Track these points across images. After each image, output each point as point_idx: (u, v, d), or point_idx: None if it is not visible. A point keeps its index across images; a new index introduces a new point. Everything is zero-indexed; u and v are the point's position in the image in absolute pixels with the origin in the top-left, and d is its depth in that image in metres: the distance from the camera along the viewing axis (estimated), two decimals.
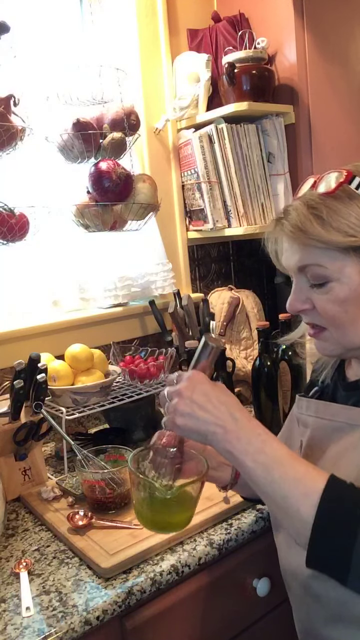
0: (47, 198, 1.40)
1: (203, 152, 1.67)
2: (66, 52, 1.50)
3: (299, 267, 0.76)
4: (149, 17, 1.69)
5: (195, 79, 1.72)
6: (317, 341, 0.81)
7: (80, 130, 1.34)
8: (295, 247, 0.76)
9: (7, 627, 0.81)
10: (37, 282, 1.51)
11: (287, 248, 0.78)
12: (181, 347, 1.56)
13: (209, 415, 0.71)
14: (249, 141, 1.68)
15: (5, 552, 1.01)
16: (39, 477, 1.25)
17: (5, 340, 1.42)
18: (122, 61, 1.54)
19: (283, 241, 0.79)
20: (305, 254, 0.74)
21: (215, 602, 1.01)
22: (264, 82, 1.65)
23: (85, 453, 1.12)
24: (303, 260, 0.75)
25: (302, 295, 0.78)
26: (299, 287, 0.78)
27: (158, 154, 1.75)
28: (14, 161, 1.33)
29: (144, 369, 1.40)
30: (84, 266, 1.60)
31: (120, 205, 1.41)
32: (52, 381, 1.29)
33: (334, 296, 0.74)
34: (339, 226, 0.71)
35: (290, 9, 1.63)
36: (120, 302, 1.65)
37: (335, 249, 0.72)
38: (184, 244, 1.84)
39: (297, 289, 0.78)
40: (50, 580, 0.92)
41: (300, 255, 0.75)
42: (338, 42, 1.73)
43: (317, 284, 0.75)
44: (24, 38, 1.41)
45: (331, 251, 0.72)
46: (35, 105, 1.37)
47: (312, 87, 1.68)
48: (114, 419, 1.49)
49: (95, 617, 0.84)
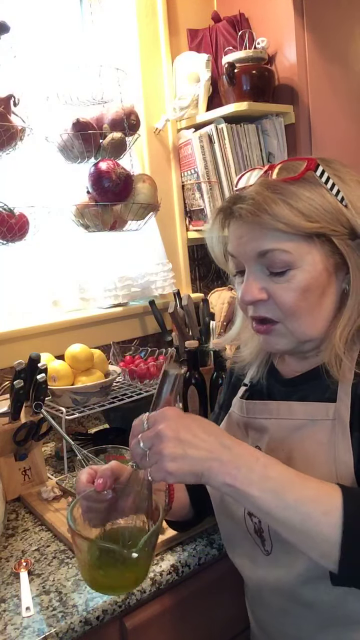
0: (47, 198, 1.40)
1: (203, 152, 1.67)
2: (66, 52, 1.50)
3: (259, 252, 0.72)
4: (149, 17, 1.69)
5: (195, 79, 1.72)
6: (267, 337, 0.77)
7: (80, 130, 1.34)
8: (255, 232, 0.71)
9: (7, 627, 0.81)
10: (37, 282, 1.51)
11: (244, 234, 0.73)
12: (181, 347, 1.56)
13: (201, 451, 0.63)
14: (249, 141, 1.68)
15: (5, 552, 1.01)
16: (39, 477, 1.25)
17: (5, 340, 1.42)
18: (122, 61, 1.54)
19: (234, 231, 0.75)
20: (269, 239, 0.71)
21: (215, 602, 1.01)
22: (264, 82, 1.65)
23: (85, 453, 1.12)
24: (265, 245, 0.71)
25: (257, 284, 0.73)
26: (255, 276, 0.73)
27: (158, 154, 1.75)
28: (14, 161, 1.33)
29: (144, 369, 1.40)
30: (84, 266, 1.60)
31: (120, 205, 1.41)
32: (52, 381, 1.29)
33: (295, 284, 0.71)
34: (304, 211, 0.69)
35: (290, 9, 1.63)
36: (120, 302, 1.65)
37: (299, 235, 0.70)
38: (184, 244, 1.84)
39: (252, 278, 0.73)
40: (50, 580, 0.92)
41: (262, 241, 0.71)
42: (338, 42, 1.73)
43: (278, 272, 0.71)
44: (24, 38, 1.41)
45: (295, 237, 0.70)
46: (35, 105, 1.37)
47: (312, 87, 1.68)
48: (114, 419, 1.49)
49: (95, 617, 0.84)
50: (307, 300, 0.72)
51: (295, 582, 0.74)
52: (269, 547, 0.78)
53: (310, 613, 0.75)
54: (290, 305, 0.72)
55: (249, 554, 0.81)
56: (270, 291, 0.73)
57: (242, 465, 0.63)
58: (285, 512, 0.61)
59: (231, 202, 0.74)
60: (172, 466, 0.62)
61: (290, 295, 0.72)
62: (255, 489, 0.62)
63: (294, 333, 0.74)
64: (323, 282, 0.72)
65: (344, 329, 0.73)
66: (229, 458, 0.63)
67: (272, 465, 0.64)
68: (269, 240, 0.71)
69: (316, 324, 0.74)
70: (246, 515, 0.80)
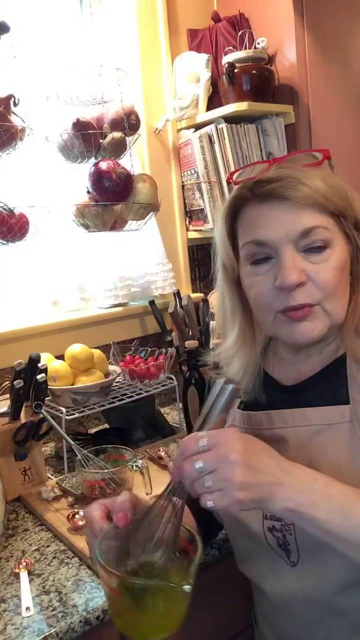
0: (47, 198, 1.40)
1: (203, 152, 1.67)
2: (66, 52, 1.50)
3: (303, 230, 0.69)
4: (149, 17, 1.69)
5: (195, 79, 1.72)
6: (304, 323, 0.71)
7: (80, 130, 1.34)
8: (298, 211, 0.68)
9: (7, 627, 0.81)
10: (37, 282, 1.51)
11: (279, 215, 0.69)
12: (181, 347, 1.56)
13: (267, 476, 0.60)
14: (249, 141, 1.68)
15: (5, 552, 1.01)
16: (39, 477, 1.25)
17: (5, 340, 1.42)
18: (122, 61, 1.53)
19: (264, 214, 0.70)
20: (313, 216, 0.69)
21: (215, 602, 1.01)
22: (264, 82, 1.65)
23: (85, 453, 1.12)
24: (309, 222, 0.68)
25: (298, 266, 0.69)
26: (293, 257, 0.70)
27: (158, 154, 1.75)
28: (14, 161, 1.33)
29: (144, 369, 1.40)
30: (84, 266, 1.60)
31: (120, 205, 1.41)
32: (52, 381, 1.29)
33: (333, 263, 0.70)
34: (336, 188, 0.70)
35: (290, 9, 1.63)
36: (120, 302, 1.65)
37: (332, 213, 0.70)
38: (184, 244, 1.84)
39: (291, 260, 0.69)
40: (50, 580, 0.92)
41: (305, 218, 0.69)
42: (338, 42, 1.73)
43: (317, 250, 0.69)
44: (24, 38, 1.41)
45: (330, 214, 0.70)
46: (35, 105, 1.37)
47: (312, 87, 1.68)
48: (114, 419, 1.49)
49: (95, 617, 0.84)
50: (342, 279, 0.72)
51: (329, 592, 0.72)
52: (294, 558, 0.75)
53: (343, 620, 0.74)
54: (333, 284, 0.70)
55: (270, 567, 0.79)
56: (310, 273, 0.70)
57: (304, 489, 0.61)
58: (354, 532, 0.60)
59: (249, 188, 0.71)
60: (241, 495, 0.59)
61: (331, 274, 0.70)
62: (320, 512, 0.60)
63: (332, 314, 0.72)
64: (347, 263, 0.73)
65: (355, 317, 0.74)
66: (289, 482, 0.61)
67: (331, 484, 0.62)
68: (313, 216, 0.69)
69: (345, 306, 0.74)
70: (266, 531, 0.77)
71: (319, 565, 0.72)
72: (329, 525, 0.60)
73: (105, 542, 0.64)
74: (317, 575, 0.73)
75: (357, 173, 1.76)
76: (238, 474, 0.58)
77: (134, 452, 1.11)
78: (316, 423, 0.75)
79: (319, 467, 0.71)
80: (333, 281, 0.70)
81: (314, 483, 0.62)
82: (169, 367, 1.44)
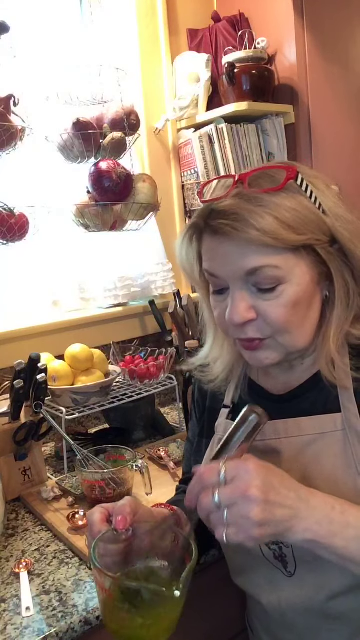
0: (47, 198, 1.40)
1: (203, 152, 1.67)
2: (66, 52, 1.50)
3: (248, 270, 0.67)
4: (149, 17, 1.69)
5: (195, 79, 1.72)
6: (255, 352, 0.72)
7: (80, 130, 1.34)
8: (242, 249, 0.66)
9: (7, 627, 0.81)
10: (37, 282, 1.51)
11: (227, 252, 0.68)
12: (181, 347, 1.56)
13: (285, 509, 0.59)
14: (249, 141, 1.68)
15: (5, 552, 1.01)
16: (39, 477, 1.25)
17: (5, 340, 1.42)
18: (122, 61, 1.54)
19: (214, 248, 0.69)
20: (257, 256, 0.66)
21: (215, 602, 1.01)
22: (264, 82, 1.66)
23: (85, 453, 1.12)
24: (254, 262, 0.66)
25: (245, 303, 0.69)
26: (242, 295, 0.69)
27: (158, 154, 1.75)
28: (14, 161, 1.33)
29: (144, 369, 1.40)
30: (84, 266, 1.60)
31: (120, 205, 1.41)
32: (52, 381, 1.29)
33: (285, 299, 0.68)
34: (291, 224, 0.65)
35: (290, 9, 1.63)
36: (120, 302, 1.65)
37: (287, 249, 0.66)
38: None
39: (239, 298, 0.69)
40: (50, 580, 0.92)
41: (250, 258, 0.66)
42: (338, 42, 1.73)
43: (267, 288, 0.67)
44: (24, 38, 1.41)
45: (284, 251, 0.66)
46: (35, 105, 1.37)
47: (312, 87, 1.68)
48: (114, 419, 1.49)
49: (95, 617, 0.84)
50: (297, 314, 0.69)
51: (327, 598, 0.73)
52: (291, 568, 0.75)
53: (341, 625, 0.75)
54: (282, 321, 0.68)
55: (267, 578, 0.78)
56: (260, 309, 0.69)
57: (322, 519, 0.61)
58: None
59: (204, 217, 0.69)
60: (258, 532, 0.58)
61: (281, 312, 0.68)
62: (339, 541, 0.60)
63: (287, 345, 0.71)
64: (310, 293, 0.70)
65: (335, 335, 0.72)
66: (307, 513, 0.61)
67: (349, 510, 0.62)
68: (258, 256, 0.66)
69: (305, 335, 0.72)
70: (262, 545, 0.76)
71: (316, 573, 0.73)
72: (346, 552, 0.61)
73: (103, 545, 0.64)
74: (314, 583, 0.73)
75: (357, 173, 1.76)
76: (257, 512, 0.57)
77: (134, 452, 1.11)
78: (309, 433, 0.75)
79: (313, 476, 0.72)
80: (283, 318, 0.68)
81: (332, 512, 0.61)
82: (169, 367, 1.44)
